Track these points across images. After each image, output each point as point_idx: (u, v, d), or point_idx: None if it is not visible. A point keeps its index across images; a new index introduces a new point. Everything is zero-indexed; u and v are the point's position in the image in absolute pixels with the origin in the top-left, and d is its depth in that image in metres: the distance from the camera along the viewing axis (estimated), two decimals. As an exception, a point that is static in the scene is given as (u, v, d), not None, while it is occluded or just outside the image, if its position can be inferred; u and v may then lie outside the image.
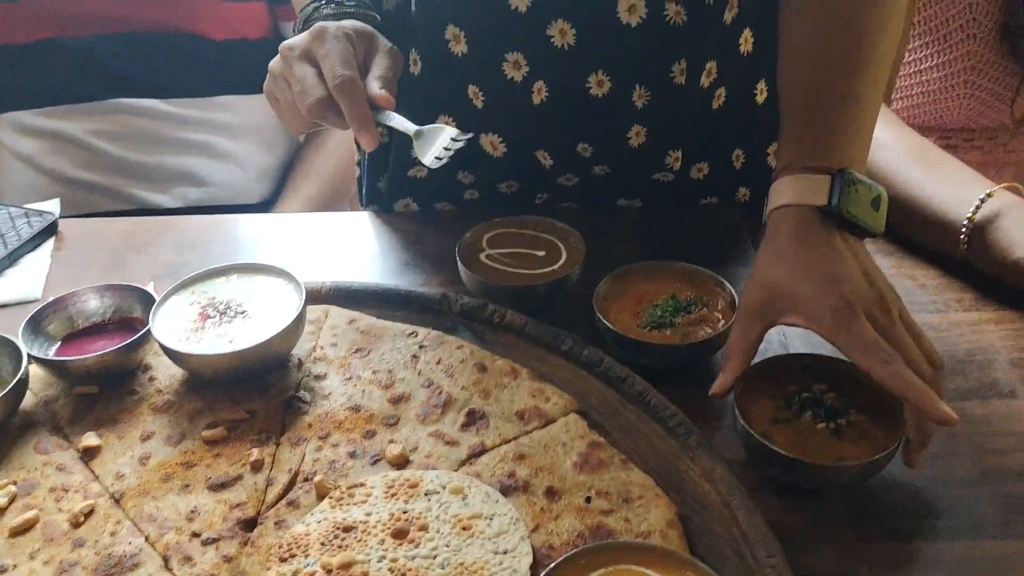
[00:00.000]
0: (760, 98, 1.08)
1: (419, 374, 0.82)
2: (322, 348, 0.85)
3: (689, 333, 0.84)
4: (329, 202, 1.58)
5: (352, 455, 0.74)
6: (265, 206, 1.56)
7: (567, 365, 0.83)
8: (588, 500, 0.69)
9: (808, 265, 0.76)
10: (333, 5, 0.96)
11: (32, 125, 1.43)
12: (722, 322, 0.84)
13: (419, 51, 1.01)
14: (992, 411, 0.81)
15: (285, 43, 0.89)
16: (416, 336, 0.86)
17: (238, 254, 1.06)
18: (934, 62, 1.24)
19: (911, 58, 1.26)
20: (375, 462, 0.73)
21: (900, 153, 1.04)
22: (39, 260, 1.06)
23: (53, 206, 1.14)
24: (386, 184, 1.13)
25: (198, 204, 1.48)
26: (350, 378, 0.82)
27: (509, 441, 0.75)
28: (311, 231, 1.12)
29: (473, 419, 0.77)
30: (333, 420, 0.77)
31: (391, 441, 0.75)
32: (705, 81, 1.01)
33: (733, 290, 0.87)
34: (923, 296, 0.95)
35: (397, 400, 0.79)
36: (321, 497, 0.70)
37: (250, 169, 1.53)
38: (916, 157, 1.03)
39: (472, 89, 1.01)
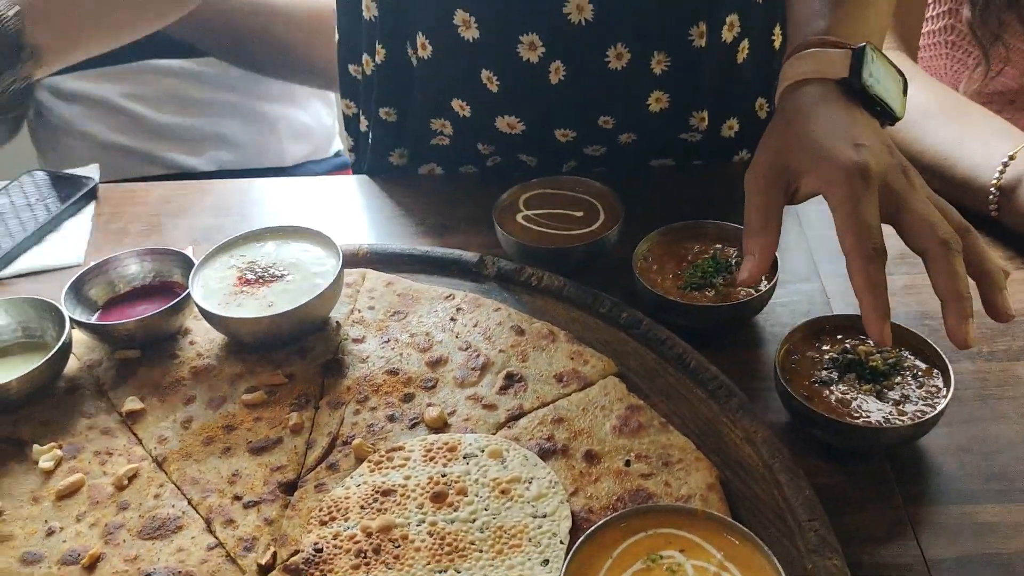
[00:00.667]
0: (777, 43, 1.05)
1: (456, 337, 0.81)
2: (359, 311, 0.85)
3: (729, 294, 0.82)
4: None
5: (391, 418, 0.74)
6: (297, 169, 1.56)
7: (606, 327, 0.82)
8: (628, 463, 0.68)
9: (829, 125, 0.72)
10: None
11: (69, 89, 1.44)
12: (764, 283, 0.82)
13: (427, 35, 0.99)
14: (1043, 372, 0.79)
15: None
16: (453, 299, 0.86)
17: (274, 218, 1.06)
18: (941, 8, 1.19)
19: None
20: (413, 425, 0.73)
21: (925, 112, 1.00)
22: (80, 225, 1.06)
23: (92, 171, 1.14)
24: (408, 150, 1.11)
25: (231, 167, 1.49)
26: (388, 341, 0.82)
27: (547, 404, 0.74)
28: (345, 194, 1.12)
29: (511, 382, 0.76)
30: (371, 383, 0.77)
31: (429, 404, 0.75)
32: (728, 36, 0.99)
33: (775, 249, 0.85)
34: (971, 255, 0.92)
35: (435, 363, 0.79)
36: (360, 460, 0.70)
37: (282, 131, 1.53)
38: (941, 114, 1.00)
39: (486, 74, 0.99)
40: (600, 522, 0.60)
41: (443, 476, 0.67)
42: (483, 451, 0.69)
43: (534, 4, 0.94)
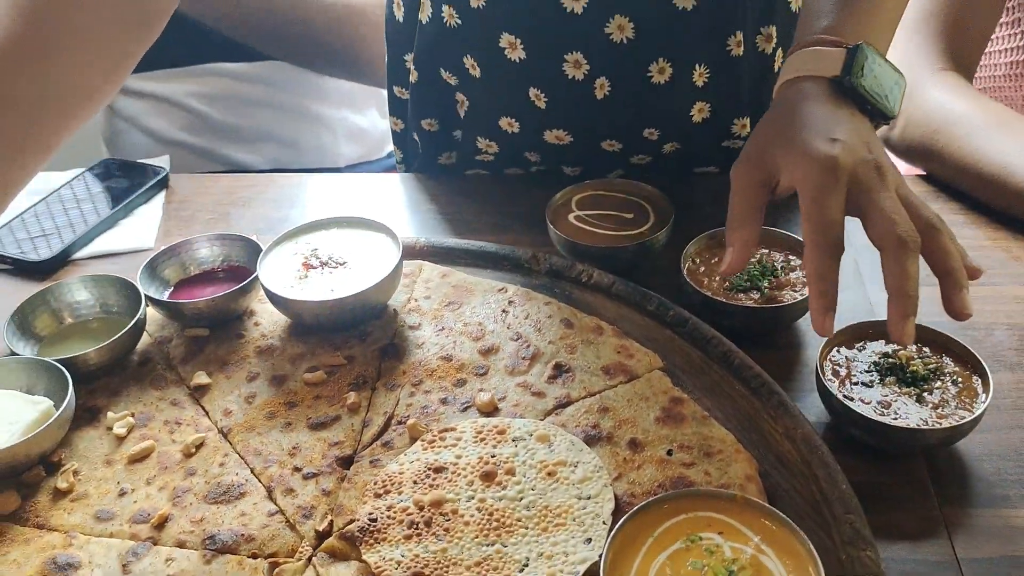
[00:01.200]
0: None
1: (508, 327, 0.84)
2: (416, 300, 0.89)
3: (774, 297, 0.84)
4: None
5: (444, 401, 0.77)
6: (350, 170, 1.60)
7: (653, 324, 0.85)
8: (670, 452, 0.71)
9: (808, 121, 0.74)
10: None
11: (137, 88, 1.50)
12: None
13: (476, 58, 1.03)
14: (1085, 383, 0.80)
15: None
16: (506, 292, 0.89)
17: (333, 211, 1.10)
18: (1002, 47, 1.19)
19: (997, 35, 1.21)
20: (465, 409, 0.76)
21: (981, 124, 1.01)
22: (151, 212, 1.12)
23: (164, 162, 1.20)
24: (457, 153, 1.15)
25: (287, 166, 1.54)
26: (442, 329, 0.85)
27: (594, 394, 0.77)
28: (398, 192, 1.16)
29: (559, 372, 0.79)
30: (426, 368, 0.81)
31: (480, 390, 0.78)
32: (766, 46, 1.02)
33: (820, 256, 0.87)
34: (1018, 267, 0.94)
35: (487, 351, 0.82)
36: (414, 439, 0.74)
37: (338, 132, 1.58)
38: (998, 127, 1.01)
39: (533, 92, 1.02)
40: (644, 503, 0.62)
41: (492, 457, 0.71)
42: (531, 435, 0.72)
43: (577, 25, 0.97)
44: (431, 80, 1.10)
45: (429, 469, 0.70)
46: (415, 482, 0.70)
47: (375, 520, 0.67)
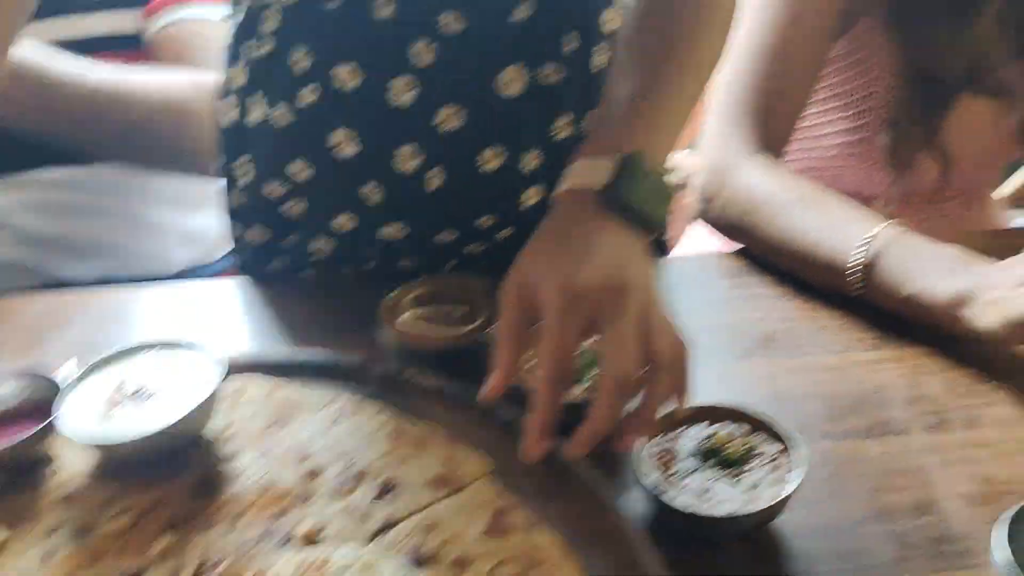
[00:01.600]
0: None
1: (335, 445, 0.82)
2: (237, 423, 0.85)
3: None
4: None
5: (262, 537, 0.74)
6: (184, 275, 1.55)
7: (484, 425, 0.84)
8: (493, 569, 0.70)
9: (560, 243, 0.74)
10: None
11: None
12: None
13: (306, 159, 1.03)
14: (887, 449, 0.84)
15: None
16: (334, 405, 0.87)
17: (158, 326, 1.06)
18: (832, 129, 1.28)
19: (811, 123, 1.30)
20: (285, 543, 0.73)
21: (790, 201, 1.07)
22: (-50, 347, 1.04)
23: (-35, 289, 1.13)
24: (288, 259, 1.14)
25: (118, 276, 1.47)
26: (265, 454, 0.82)
27: (421, 510, 0.76)
28: (229, 299, 1.12)
29: (387, 489, 0.78)
30: (246, 501, 0.77)
31: (300, 520, 0.75)
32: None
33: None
34: (825, 336, 0.99)
35: (312, 475, 0.80)
36: (230, 584, 0.70)
37: (170, 237, 1.53)
38: (806, 203, 1.07)
39: (369, 187, 1.03)
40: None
41: None
42: (353, 565, 0.70)
43: (407, 119, 0.99)
44: (257, 190, 1.09)
45: None
46: None
47: None
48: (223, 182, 1.16)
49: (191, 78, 1.38)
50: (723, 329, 1.01)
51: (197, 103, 1.38)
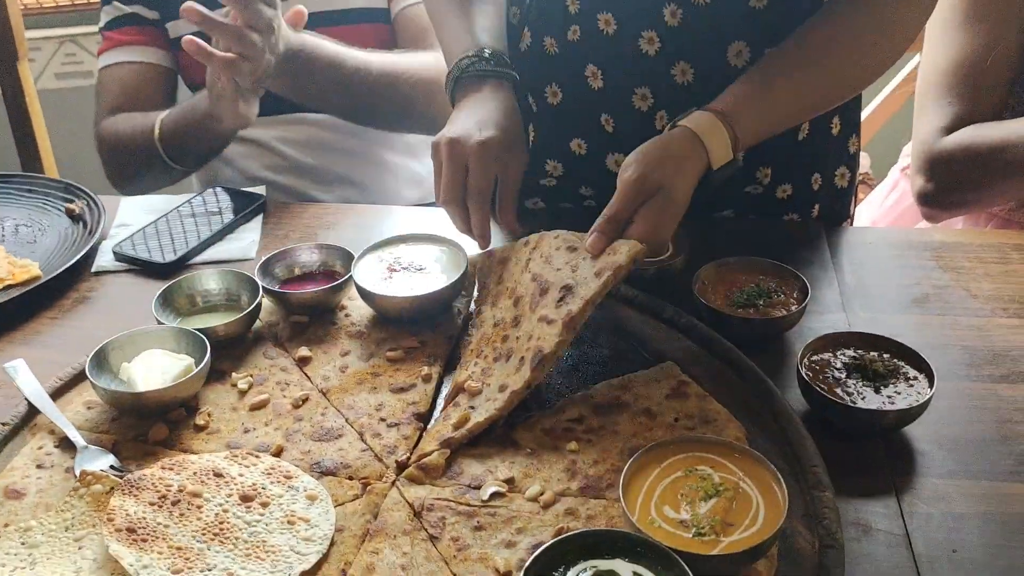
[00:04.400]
0: (835, 130, 1.28)
1: (529, 272, 1.00)
2: (478, 291, 1.08)
3: (767, 313, 1.04)
4: None
5: (495, 359, 0.96)
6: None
7: (667, 329, 1.04)
8: (676, 420, 0.90)
9: (666, 155, 1.01)
10: (482, 61, 1.19)
11: None
12: (795, 306, 1.04)
13: (560, 85, 1.26)
14: (1017, 393, 0.98)
15: (444, 136, 1.10)
16: (528, 243, 1.05)
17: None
18: None
19: None
20: (508, 358, 0.95)
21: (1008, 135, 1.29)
22: (252, 230, 1.34)
23: (261, 190, 1.43)
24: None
25: (356, 203, 1.76)
26: (494, 305, 1.03)
27: (588, 301, 0.92)
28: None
29: (566, 292, 0.94)
30: (485, 338, 0.99)
31: (516, 337, 0.95)
32: None
33: (807, 283, 1.06)
34: (974, 304, 1.13)
35: (518, 302, 0.99)
36: (473, 396, 0.93)
37: (401, 177, 1.81)
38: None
39: (604, 117, 1.25)
40: (654, 443, 0.81)
41: (263, 489, 0.88)
42: (304, 490, 0.84)
43: (648, 65, 1.20)
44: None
45: (211, 471, 0.84)
46: (195, 473, 0.83)
47: (143, 478, 0.81)
48: None
49: (436, 59, 1.63)
50: (880, 287, 1.16)
51: (442, 79, 1.65)
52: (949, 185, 1.38)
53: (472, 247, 1.12)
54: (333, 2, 1.68)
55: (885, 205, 1.69)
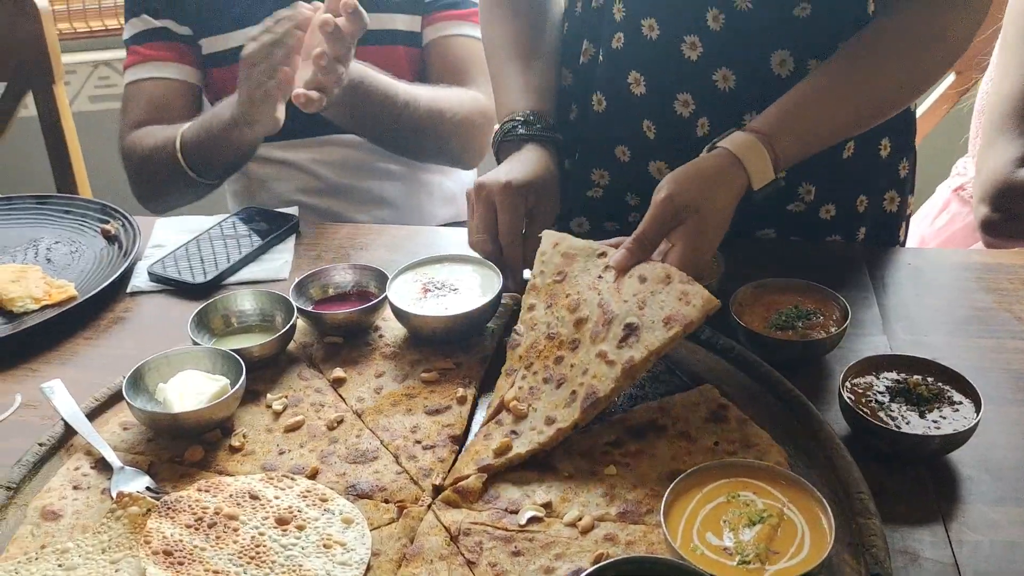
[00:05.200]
0: (884, 152, 1.27)
1: (599, 294, 0.96)
2: (534, 278, 1.03)
3: (806, 335, 1.02)
4: None
5: (545, 380, 0.94)
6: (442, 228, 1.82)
7: (705, 351, 1.03)
8: (716, 444, 0.88)
9: (703, 182, 1.01)
10: (525, 126, 1.21)
11: (269, 155, 1.72)
12: (834, 328, 1.02)
13: (603, 93, 1.26)
14: (1064, 416, 0.96)
15: (479, 181, 1.11)
16: (604, 256, 1.00)
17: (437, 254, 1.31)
18: None
19: None
20: (559, 385, 0.92)
21: None
22: (285, 250, 1.35)
23: (294, 211, 1.43)
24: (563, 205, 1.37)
25: (390, 224, 1.76)
26: (550, 306, 0.99)
27: (653, 351, 0.89)
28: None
29: (629, 331, 0.91)
30: (536, 349, 0.97)
31: (572, 365, 0.93)
32: None
33: (847, 304, 1.05)
34: (1019, 326, 1.10)
35: (579, 323, 0.96)
36: (519, 419, 0.92)
37: (435, 195, 1.81)
38: None
39: (646, 123, 1.24)
40: (696, 467, 0.80)
41: (299, 511, 0.84)
42: (339, 514, 0.86)
43: (690, 70, 1.20)
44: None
45: (247, 493, 0.83)
46: (231, 495, 0.82)
47: (179, 500, 0.81)
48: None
49: (474, 99, 1.64)
50: (921, 309, 1.14)
51: (480, 118, 1.65)
52: (1020, 216, 1.37)
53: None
54: (377, 23, 1.69)
55: (936, 225, 1.66)
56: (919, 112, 1.96)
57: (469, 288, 1.07)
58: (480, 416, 0.96)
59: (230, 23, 1.63)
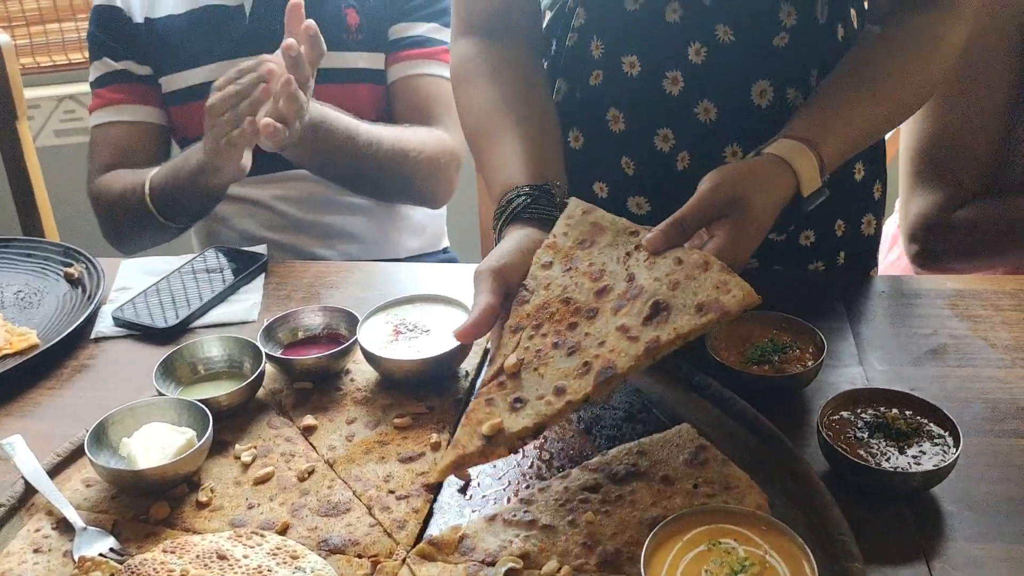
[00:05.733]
0: (858, 176, 1.27)
1: (627, 269, 0.89)
2: (554, 236, 0.95)
3: (783, 369, 1.01)
4: None
5: (555, 345, 0.87)
6: (410, 261, 1.80)
7: (683, 389, 1.02)
8: (695, 487, 0.87)
9: (747, 175, 0.97)
10: (529, 200, 1.03)
11: (232, 193, 1.68)
12: (811, 361, 1.02)
13: (580, 130, 1.25)
14: (1045, 447, 0.95)
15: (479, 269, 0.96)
16: (637, 235, 0.93)
17: (409, 292, 1.29)
18: None
19: None
20: (571, 353, 0.85)
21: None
22: (254, 291, 1.32)
23: (262, 249, 1.41)
24: None
25: (358, 258, 1.74)
26: (569, 269, 0.92)
27: (682, 335, 0.82)
28: (463, 277, 1.34)
29: (656, 311, 0.84)
30: (547, 311, 0.90)
31: (587, 334, 0.86)
32: None
33: (824, 338, 1.04)
34: (994, 354, 1.10)
35: (602, 293, 0.89)
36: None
37: (402, 227, 1.79)
38: None
39: (624, 160, 1.24)
40: (676, 514, 0.78)
41: (269, 571, 0.86)
42: (312, 572, 0.79)
43: (672, 104, 1.18)
44: None
45: (215, 553, 0.79)
46: (198, 556, 0.79)
47: (144, 563, 0.77)
48: None
49: (439, 138, 1.63)
50: (896, 339, 1.14)
51: (446, 158, 1.64)
52: (945, 254, 1.47)
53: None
54: (331, 60, 1.67)
55: (888, 259, 1.69)
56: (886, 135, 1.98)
57: (439, 329, 1.05)
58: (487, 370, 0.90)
59: (188, 61, 1.61)
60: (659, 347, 0.83)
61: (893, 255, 1.69)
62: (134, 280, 1.35)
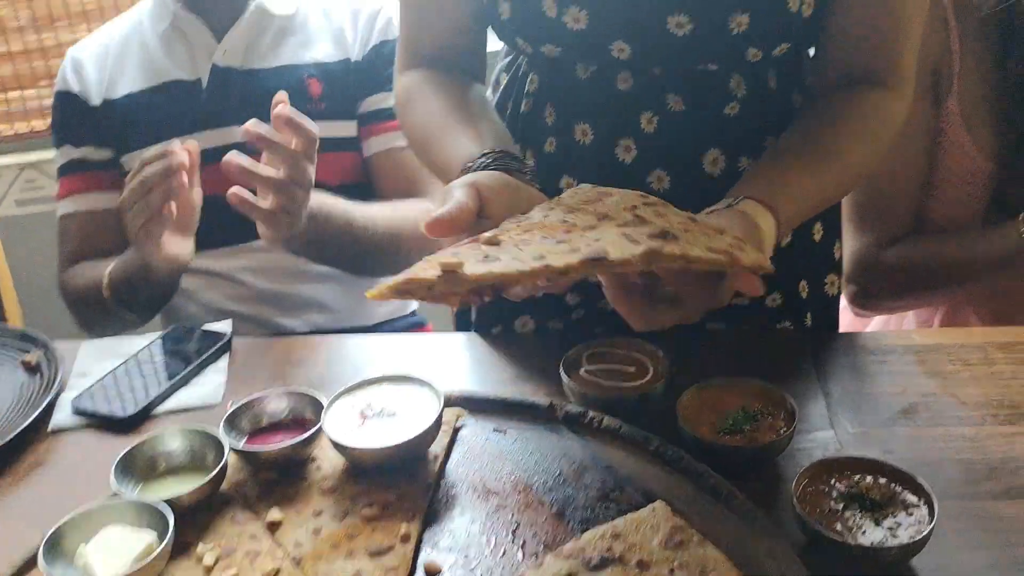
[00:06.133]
0: (817, 236, 1.27)
1: (635, 214, 0.86)
2: (559, 200, 0.93)
3: (755, 438, 1.00)
4: None
5: (543, 239, 0.81)
6: (379, 327, 1.78)
7: (654, 462, 1.00)
8: (671, 572, 0.85)
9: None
10: (493, 160, 1.04)
11: (195, 266, 1.65)
12: (783, 428, 1.01)
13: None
14: (1020, 511, 0.94)
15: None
16: (650, 204, 0.90)
17: (378, 368, 1.27)
18: None
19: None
20: (560, 243, 0.79)
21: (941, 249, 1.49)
22: (218, 371, 1.29)
23: (226, 326, 1.38)
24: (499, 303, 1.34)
25: (325, 327, 1.72)
26: (572, 211, 0.88)
27: (686, 256, 0.76)
28: (432, 349, 1.34)
29: (665, 235, 0.79)
30: (541, 225, 0.85)
31: (582, 235, 0.81)
32: None
33: (795, 404, 1.03)
34: (964, 411, 1.10)
35: (603, 218, 0.86)
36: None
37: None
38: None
39: None
40: (650, 608, 0.77)
41: None
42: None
43: (624, 175, 1.18)
44: None
45: None
46: None
47: None
48: None
49: (429, 212, 1.61)
50: (866, 398, 1.13)
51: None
52: (881, 293, 1.53)
53: (444, 381, 1.07)
54: None
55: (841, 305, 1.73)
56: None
57: (407, 412, 1.03)
58: (425, 554, 0.92)
59: (149, 138, 1.60)
60: (660, 255, 0.75)
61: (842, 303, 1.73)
62: (94, 365, 1.31)
